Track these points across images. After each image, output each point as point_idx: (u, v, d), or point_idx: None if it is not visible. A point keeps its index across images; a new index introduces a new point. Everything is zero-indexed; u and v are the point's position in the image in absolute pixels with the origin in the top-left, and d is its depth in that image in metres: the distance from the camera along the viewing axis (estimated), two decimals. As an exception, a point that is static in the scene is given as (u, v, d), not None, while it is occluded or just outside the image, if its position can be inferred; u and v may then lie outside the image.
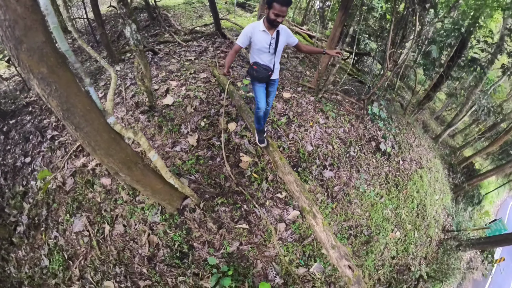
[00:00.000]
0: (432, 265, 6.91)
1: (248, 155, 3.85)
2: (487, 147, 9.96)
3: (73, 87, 1.69)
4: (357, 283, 2.27)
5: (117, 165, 2.24)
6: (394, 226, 5.33)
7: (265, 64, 2.51)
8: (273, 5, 2.10)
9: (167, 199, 3.21)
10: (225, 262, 3.27)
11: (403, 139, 6.43)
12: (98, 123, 1.91)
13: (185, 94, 4.55)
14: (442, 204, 7.86)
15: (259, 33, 2.35)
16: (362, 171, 4.82)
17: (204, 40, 6.92)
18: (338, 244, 2.24)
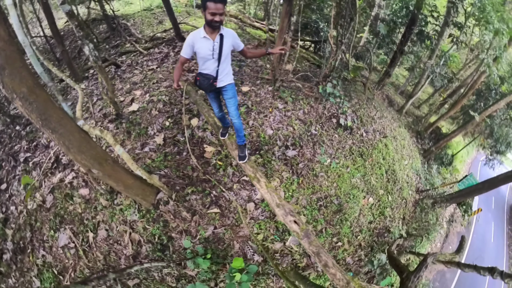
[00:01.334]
0: (411, 224, 7.26)
1: (211, 145, 4.06)
2: (449, 111, 10.52)
3: (49, 102, 2.08)
4: (305, 236, 2.46)
5: (89, 161, 2.50)
6: (365, 193, 5.61)
7: (208, 73, 2.30)
8: (207, 5, 1.91)
9: (140, 194, 3.37)
10: (203, 247, 3.43)
11: (364, 113, 6.75)
12: (70, 126, 2.30)
13: (149, 99, 4.72)
14: (413, 168, 8.25)
15: (200, 40, 2.14)
16: (325, 146, 5.07)
17: (165, 46, 6.92)
18: (283, 202, 2.44)
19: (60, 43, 5.50)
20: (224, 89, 2.47)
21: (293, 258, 4.02)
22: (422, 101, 14.88)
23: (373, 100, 7.85)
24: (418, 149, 9.63)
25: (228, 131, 3.03)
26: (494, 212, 17.77)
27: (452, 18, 8.00)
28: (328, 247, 4.59)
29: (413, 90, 10.88)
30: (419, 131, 10.73)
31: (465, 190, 8.07)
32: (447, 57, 8.97)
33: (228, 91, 2.48)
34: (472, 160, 19.41)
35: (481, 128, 11.51)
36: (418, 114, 13.39)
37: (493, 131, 10.84)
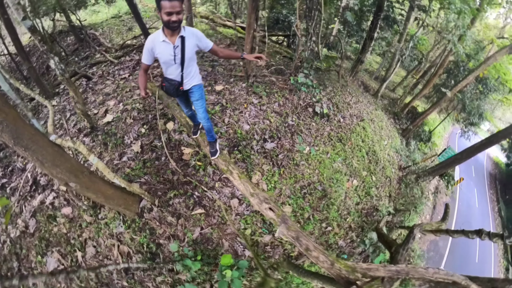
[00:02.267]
0: (398, 200, 7.47)
1: (189, 147, 4.07)
2: (422, 91, 10.92)
3: (19, 120, 2.06)
4: (283, 222, 2.48)
5: (64, 174, 2.46)
6: (349, 176, 5.73)
7: (172, 78, 2.16)
8: (162, 4, 1.72)
9: (123, 204, 3.30)
10: (192, 249, 3.42)
11: (339, 100, 6.90)
12: (42, 141, 2.28)
13: (123, 108, 4.65)
14: (393, 147, 8.49)
15: (160, 44, 1.94)
16: (303, 135, 5.14)
17: (136, 53, 6.76)
18: (257, 191, 2.46)
19: (26, 59, 5.23)
20: (190, 91, 2.33)
21: (284, 248, 4.06)
22: (397, 84, 15.36)
23: (347, 86, 8.02)
24: (396, 129, 9.94)
25: (199, 128, 2.96)
26: (475, 179, 18.73)
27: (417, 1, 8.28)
28: (318, 233, 4.66)
29: (385, 73, 11.19)
30: (396, 112, 11.08)
31: (445, 162, 8.43)
32: (415, 40, 9.27)
33: (194, 93, 2.33)
34: (449, 134, 20.26)
35: (454, 104, 11.98)
36: (393, 96, 13.82)
37: (465, 104, 11.30)
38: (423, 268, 2.39)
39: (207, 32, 8.88)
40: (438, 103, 10.13)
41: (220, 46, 7.54)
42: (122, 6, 10.85)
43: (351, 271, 2.36)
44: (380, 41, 10.57)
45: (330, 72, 8.57)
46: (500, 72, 9.51)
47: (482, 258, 12.57)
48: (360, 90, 9.54)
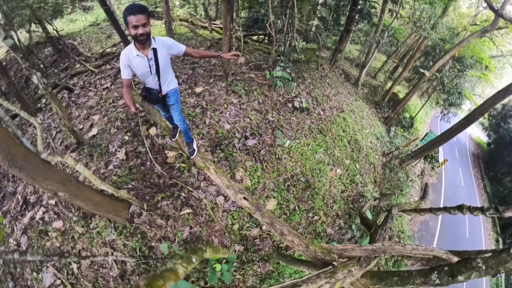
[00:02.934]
0: (383, 185, 7.84)
1: (173, 150, 4.28)
2: (401, 73, 11.37)
3: (10, 141, 2.16)
4: (257, 209, 2.71)
5: (54, 185, 2.62)
6: (332, 166, 6.02)
7: (151, 87, 2.30)
8: (128, 20, 1.81)
9: (112, 211, 3.43)
10: (183, 248, 3.59)
11: (318, 93, 7.20)
12: (35, 161, 2.43)
13: (107, 120, 4.79)
14: (375, 135, 8.86)
15: (134, 58, 2.04)
16: (284, 130, 5.39)
17: (116, 61, 6.75)
18: (232, 183, 2.70)
19: (4, 74, 5.19)
20: (167, 96, 2.45)
21: (273, 240, 4.30)
22: (377, 70, 15.86)
23: (327, 77, 8.32)
24: (378, 118, 10.39)
25: (177, 131, 3.15)
26: (459, 160, 19.67)
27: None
28: (305, 223, 4.91)
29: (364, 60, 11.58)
30: (377, 101, 11.55)
31: (427, 145, 8.89)
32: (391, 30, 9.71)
33: (170, 97, 2.47)
34: (431, 119, 21.15)
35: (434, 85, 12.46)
36: (374, 84, 14.34)
37: (444, 83, 11.76)
38: (400, 245, 2.52)
39: (186, 35, 8.98)
40: (418, 85, 10.60)
41: (201, 48, 7.71)
42: (100, 14, 10.77)
43: (327, 252, 2.58)
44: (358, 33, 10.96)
45: (310, 63, 8.89)
46: (475, 51, 10.20)
47: (472, 233, 13.21)
48: (341, 80, 9.91)
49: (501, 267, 1.59)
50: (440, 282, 1.83)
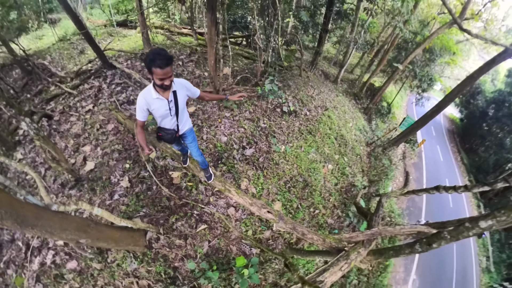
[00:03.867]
0: (371, 173, 8.70)
1: (176, 170, 4.56)
2: (377, 67, 12.65)
3: (15, 202, 2.14)
4: (280, 219, 3.21)
5: (74, 233, 2.66)
6: (324, 163, 6.67)
7: (168, 128, 2.39)
8: (154, 70, 1.81)
9: (131, 243, 3.60)
10: (207, 262, 3.91)
11: (303, 95, 7.89)
12: (47, 214, 2.43)
13: (102, 153, 4.88)
14: (358, 127, 9.78)
15: (154, 101, 2.09)
16: (277, 135, 5.93)
17: (95, 79, 6.57)
18: (254, 200, 3.16)
19: None
20: (184, 135, 2.58)
21: (284, 238, 4.79)
22: (354, 65, 17.17)
23: (309, 80, 9.05)
24: (358, 109, 11.44)
25: (187, 157, 3.44)
26: (436, 137, 21.92)
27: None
28: (309, 218, 5.48)
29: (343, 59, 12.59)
30: (356, 93, 12.65)
31: (405, 131, 10.10)
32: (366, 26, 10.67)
33: (188, 137, 2.61)
34: (406, 103, 23.51)
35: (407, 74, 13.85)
36: (352, 77, 15.58)
37: (416, 73, 13.16)
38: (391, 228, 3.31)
39: (164, 44, 9.04)
40: (392, 77, 11.82)
41: (181, 57, 7.82)
42: (69, 27, 10.19)
43: (339, 242, 3.19)
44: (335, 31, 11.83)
45: (292, 68, 9.53)
46: (443, 42, 11.70)
47: (455, 203, 14.85)
48: (321, 80, 10.72)
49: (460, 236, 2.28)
50: (421, 249, 2.59)
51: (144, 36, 7.05)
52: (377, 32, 15.97)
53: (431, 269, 10.12)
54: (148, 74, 2.13)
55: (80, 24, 5.80)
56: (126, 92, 6.09)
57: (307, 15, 8.44)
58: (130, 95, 6.00)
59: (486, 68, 7.27)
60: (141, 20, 6.87)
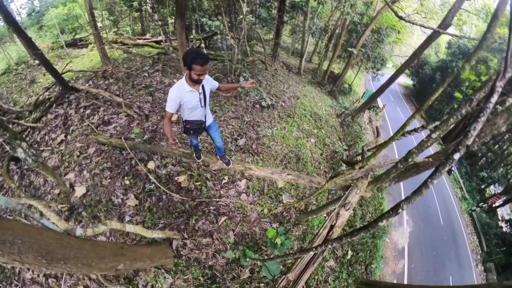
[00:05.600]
0: (347, 138, 9.81)
1: (181, 174, 4.66)
2: (334, 54, 14.10)
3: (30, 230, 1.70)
4: (299, 177, 3.70)
5: (113, 260, 2.36)
6: (306, 138, 7.42)
7: (197, 119, 2.64)
8: (194, 67, 2.13)
9: (162, 256, 3.52)
10: (237, 248, 4.15)
11: (276, 91, 8.81)
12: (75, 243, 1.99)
13: (91, 175, 4.65)
14: (327, 105, 11.07)
15: (187, 94, 2.39)
16: (261, 125, 6.48)
17: (57, 106, 6.14)
18: (273, 170, 3.64)
19: None
20: (209, 126, 2.93)
21: (295, 207, 5.26)
22: (311, 53, 18.76)
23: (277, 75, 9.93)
24: (324, 93, 12.89)
25: (200, 153, 3.67)
26: (394, 102, 26.20)
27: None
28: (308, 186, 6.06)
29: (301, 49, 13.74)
30: (319, 81, 14.22)
31: (367, 101, 11.82)
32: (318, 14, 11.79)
33: (213, 127, 3.01)
34: (364, 81, 27.56)
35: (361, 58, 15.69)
36: (312, 67, 17.11)
37: (369, 55, 14.95)
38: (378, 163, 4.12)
39: (122, 58, 8.83)
40: (349, 62, 13.29)
41: (144, 68, 7.80)
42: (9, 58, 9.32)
43: (345, 181, 3.81)
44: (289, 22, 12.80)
45: (255, 62, 10.22)
46: (388, 21, 13.33)
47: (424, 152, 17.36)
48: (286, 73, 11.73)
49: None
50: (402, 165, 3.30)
51: (102, 52, 6.80)
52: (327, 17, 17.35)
53: (418, 208, 12.05)
54: (184, 70, 2.31)
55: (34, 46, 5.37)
56: (98, 113, 5.81)
57: (266, 12, 9.08)
58: (103, 116, 5.74)
59: (425, 44, 8.88)
60: (96, 35, 6.64)
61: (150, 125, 5.54)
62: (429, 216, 12.01)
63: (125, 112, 5.64)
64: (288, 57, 16.45)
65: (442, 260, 9.87)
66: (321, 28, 13.95)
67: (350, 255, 5.63)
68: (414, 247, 9.67)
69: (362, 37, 11.83)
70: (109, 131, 5.42)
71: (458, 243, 11.61)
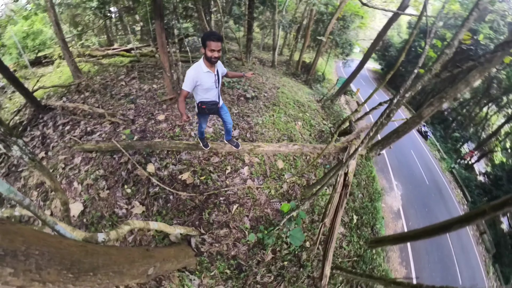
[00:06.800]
0: (330, 119, 10.35)
1: (184, 171, 4.61)
2: (304, 44, 14.72)
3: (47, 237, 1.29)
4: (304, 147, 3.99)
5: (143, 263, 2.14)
6: (294, 121, 7.74)
7: (211, 100, 2.84)
8: (208, 43, 2.33)
9: (185, 256, 3.41)
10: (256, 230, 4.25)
11: (256, 83, 9.14)
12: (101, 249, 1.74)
13: (84, 187, 4.40)
14: (305, 93, 11.68)
15: (204, 74, 2.57)
16: (250, 115, 6.67)
17: (33, 128, 5.84)
18: (280, 143, 3.92)
19: None
20: (221, 107, 3.14)
21: (298, 184, 5.45)
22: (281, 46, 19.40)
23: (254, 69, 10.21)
24: (300, 83, 13.73)
25: (207, 142, 3.78)
26: (366, 85, 28.01)
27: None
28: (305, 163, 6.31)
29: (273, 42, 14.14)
30: (293, 72, 14.91)
31: (342, 86, 12.74)
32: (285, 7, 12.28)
33: (224, 108, 3.25)
34: (336, 68, 29.58)
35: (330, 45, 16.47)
36: (284, 59, 17.77)
37: (337, 41, 15.79)
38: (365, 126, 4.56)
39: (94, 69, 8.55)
40: (320, 50, 13.98)
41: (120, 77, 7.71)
42: None
43: (342, 144, 4.14)
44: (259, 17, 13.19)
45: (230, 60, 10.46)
46: (351, 8, 14.07)
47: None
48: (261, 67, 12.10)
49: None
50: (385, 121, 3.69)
51: (73, 65, 6.51)
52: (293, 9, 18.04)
53: (404, 173, 13.21)
54: (201, 49, 2.46)
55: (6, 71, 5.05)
56: (79, 126, 5.56)
57: (239, 9, 9.34)
58: (85, 128, 5.50)
59: (387, 26, 9.66)
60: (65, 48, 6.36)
61: (138, 126, 5.43)
62: (415, 178, 13.05)
63: (109, 121, 5.44)
64: (260, 52, 16.94)
65: (435, 214, 10.79)
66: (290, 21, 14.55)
67: (356, 219, 5.98)
68: (408, 207, 10.47)
69: (329, 26, 12.49)
70: (94, 139, 5.20)
71: (445, 198, 12.78)
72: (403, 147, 15.34)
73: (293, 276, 4.06)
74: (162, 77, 7.32)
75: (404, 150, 15.35)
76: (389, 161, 13.18)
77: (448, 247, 9.73)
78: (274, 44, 13.67)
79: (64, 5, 9.68)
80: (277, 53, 15.59)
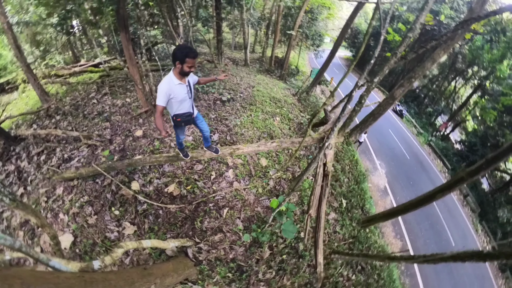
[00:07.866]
0: (308, 111, 10.67)
1: (170, 183, 4.68)
2: (274, 40, 14.93)
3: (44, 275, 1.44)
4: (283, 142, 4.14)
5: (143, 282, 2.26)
6: (272, 118, 7.96)
7: (185, 111, 2.84)
8: (187, 60, 2.41)
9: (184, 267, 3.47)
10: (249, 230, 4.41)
11: (231, 85, 9.19)
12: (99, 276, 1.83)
13: (71, 216, 4.34)
14: (280, 89, 11.94)
15: (175, 86, 2.58)
16: (228, 117, 6.81)
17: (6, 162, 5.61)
18: (258, 143, 4.00)
19: None
20: (196, 117, 3.14)
21: (283, 178, 5.67)
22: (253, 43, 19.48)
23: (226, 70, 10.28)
24: (275, 78, 13.92)
25: (187, 152, 3.75)
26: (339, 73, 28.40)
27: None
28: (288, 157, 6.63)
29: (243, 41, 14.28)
30: (267, 68, 15.06)
31: (315, 78, 13.06)
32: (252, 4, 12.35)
33: (199, 117, 3.24)
34: (308, 60, 30.23)
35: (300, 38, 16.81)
36: (257, 57, 17.87)
37: (307, 34, 16.02)
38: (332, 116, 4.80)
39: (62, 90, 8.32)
40: (291, 44, 14.18)
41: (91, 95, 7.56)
42: None
43: (319, 134, 4.36)
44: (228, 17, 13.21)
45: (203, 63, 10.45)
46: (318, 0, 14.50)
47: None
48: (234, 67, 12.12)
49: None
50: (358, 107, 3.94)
51: (39, 89, 6.28)
52: (261, 6, 18.14)
53: (385, 152, 13.95)
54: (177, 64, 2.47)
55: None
56: (56, 154, 5.41)
57: (206, 11, 9.28)
58: (62, 155, 5.36)
59: (354, 15, 10.08)
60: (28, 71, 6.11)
61: (117, 145, 5.39)
62: (396, 155, 13.79)
63: (85, 144, 5.34)
64: (232, 51, 16.99)
65: (419, 186, 11.50)
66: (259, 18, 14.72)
67: (345, 203, 6.30)
68: (393, 183, 11.07)
69: (297, 19, 12.77)
70: (73, 166, 5.11)
71: (427, 169, 13.64)
72: (381, 127, 16.13)
73: (294, 267, 4.27)
74: (134, 89, 7.23)
75: (382, 130, 16.11)
76: (369, 142, 13.80)
77: (437, 214, 10.42)
78: (245, 42, 13.82)
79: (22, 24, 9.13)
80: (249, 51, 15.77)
